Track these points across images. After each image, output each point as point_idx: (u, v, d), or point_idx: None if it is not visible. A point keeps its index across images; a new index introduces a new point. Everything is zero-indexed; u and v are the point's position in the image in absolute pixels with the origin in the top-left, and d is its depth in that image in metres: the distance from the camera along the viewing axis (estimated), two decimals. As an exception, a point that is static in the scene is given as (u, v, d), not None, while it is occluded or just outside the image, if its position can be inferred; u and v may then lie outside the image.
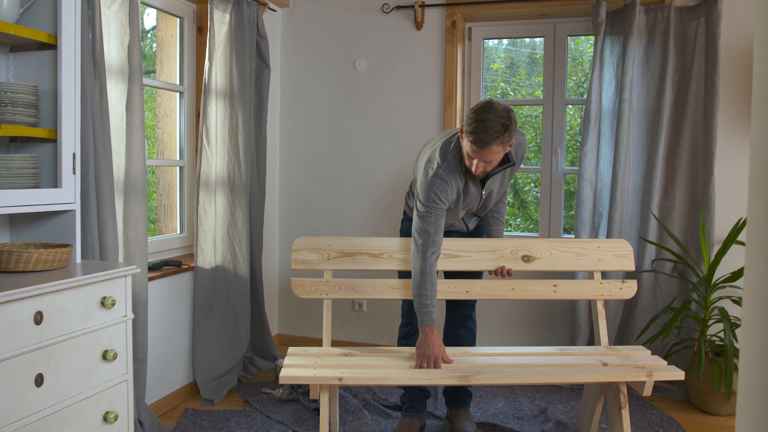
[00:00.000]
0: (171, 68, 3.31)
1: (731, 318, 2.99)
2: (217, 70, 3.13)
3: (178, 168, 3.34)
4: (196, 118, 3.30)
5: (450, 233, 2.67)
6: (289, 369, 2.21)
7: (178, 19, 3.26)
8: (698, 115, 3.19)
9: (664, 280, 3.27)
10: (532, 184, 4.72)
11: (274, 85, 3.87)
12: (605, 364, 2.28)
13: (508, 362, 2.34)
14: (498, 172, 2.42)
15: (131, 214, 2.56)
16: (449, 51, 3.64)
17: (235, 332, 3.29)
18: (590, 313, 3.31)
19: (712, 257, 3.08)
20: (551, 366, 2.28)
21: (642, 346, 2.54)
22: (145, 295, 2.60)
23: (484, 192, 2.46)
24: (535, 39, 4.08)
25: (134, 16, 2.51)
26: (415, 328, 2.57)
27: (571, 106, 3.94)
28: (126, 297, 2.03)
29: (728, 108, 3.21)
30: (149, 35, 3.91)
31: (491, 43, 4.21)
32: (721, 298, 3.05)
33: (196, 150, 3.21)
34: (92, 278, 1.87)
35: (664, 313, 3.08)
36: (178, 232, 3.36)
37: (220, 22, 3.12)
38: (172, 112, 3.34)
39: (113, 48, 2.49)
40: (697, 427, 2.85)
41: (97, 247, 2.32)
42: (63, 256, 1.94)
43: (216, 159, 3.16)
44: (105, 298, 1.92)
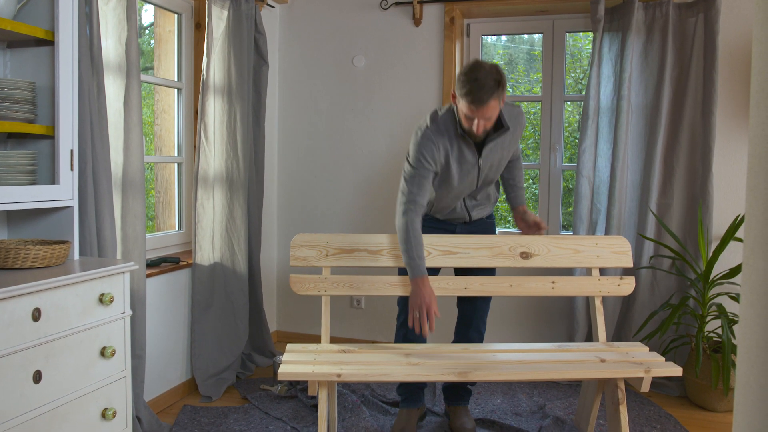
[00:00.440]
0: (169, 65, 3.31)
1: (729, 314, 3.00)
2: (215, 66, 3.13)
3: (176, 164, 3.34)
4: (194, 114, 3.30)
5: (452, 224, 2.67)
6: (288, 365, 2.21)
7: (176, 16, 3.26)
8: (697, 111, 3.19)
9: (662, 277, 3.28)
10: (531, 181, 4.72)
11: (272, 82, 3.86)
12: (603, 361, 2.29)
13: (507, 359, 2.34)
14: (494, 139, 2.45)
15: (129, 211, 2.56)
16: (448, 47, 3.63)
17: (234, 329, 3.29)
18: (588, 310, 3.31)
19: (710, 254, 3.09)
20: (549, 362, 2.29)
21: (640, 343, 2.54)
22: (143, 292, 2.60)
23: (481, 160, 2.47)
24: (534, 35, 4.07)
25: (132, 12, 2.51)
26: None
27: (569, 103, 3.94)
28: (124, 294, 2.03)
29: (727, 104, 3.21)
30: (147, 31, 3.90)
31: (490, 39, 4.20)
32: (718, 295, 3.05)
33: (194, 146, 3.20)
34: (90, 275, 1.87)
35: (662, 310, 3.08)
36: (177, 228, 3.36)
37: (218, 19, 3.12)
38: (170, 109, 3.34)
39: (111, 44, 2.49)
40: (695, 423, 2.86)
41: (95, 243, 2.32)
42: (61, 253, 1.94)
43: (214, 155, 3.16)
44: (103, 295, 1.92)
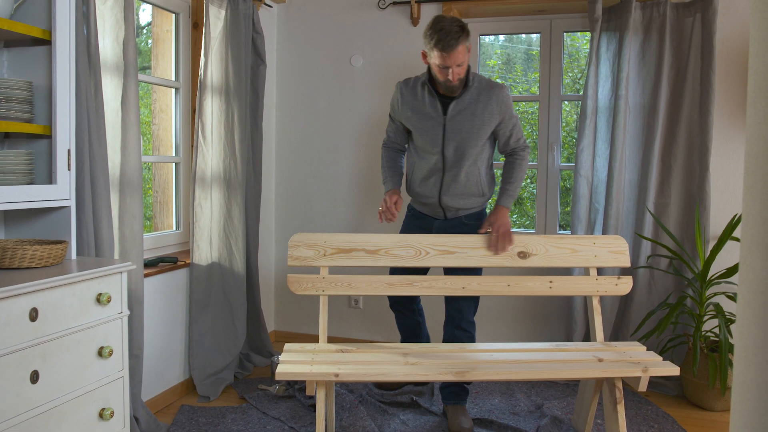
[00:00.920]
0: (166, 64, 3.30)
1: (726, 314, 3.00)
2: (213, 66, 3.12)
3: (174, 164, 3.33)
4: (192, 114, 3.30)
5: (430, 219, 2.80)
6: (286, 365, 2.21)
7: (174, 15, 3.25)
8: (694, 111, 3.20)
9: (659, 276, 3.28)
10: (528, 180, 4.72)
11: (270, 81, 3.86)
12: (601, 360, 2.29)
13: (504, 358, 2.34)
14: (462, 96, 2.58)
15: (127, 211, 2.56)
16: (445, 47, 3.63)
17: (232, 329, 3.28)
18: (586, 309, 3.32)
19: (708, 253, 3.09)
20: (547, 362, 2.29)
21: (637, 342, 2.55)
22: (140, 292, 2.60)
23: (447, 118, 2.60)
24: (532, 35, 4.07)
25: (129, 12, 2.50)
26: (397, 298, 2.92)
27: (567, 103, 3.94)
28: (122, 293, 2.03)
29: (724, 104, 3.22)
30: (144, 31, 3.90)
31: (487, 39, 4.20)
32: (716, 294, 3.06)
33: (192, 146, 3.20)
34: (87, 275, 1.87)
35: (660, 309, 3.09)
36: (174, 228, 3.36)
37: (216, 18, 3.11)
38: (168, 108, 3.33)
39: (108, 44, 2.48)
40: (692, 423, 2.86)
41: (93, 243, 2.31)
42: (58, 253, 1.94)
43: (212, 155, 3.15)
44: (100, 295, 1.92)
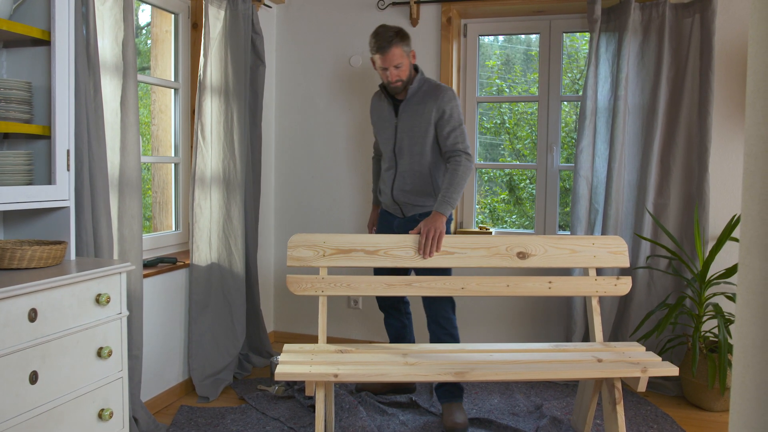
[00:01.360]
0: (166, 65, 3.30)
1: (725, 314, 3.01)
2: (212, 66, 3.12)
3: (173, 165, 3.33)
4: (191, 114, 3.30)
5: (392, 216, 2.92)
6: (285, 366, 2.21)
7: (173, 15, 3.25)
8: (693, 111, 3.20)
9: (658, 277, 3.28)
10: (528, 181, 4.73)
11: (269, 82, 3.86)
12: (600, 360, 2.29)
13: (504, 358, 2.35)
14: (409, 99, 2.74)
15: (126, 211, 2.56)
16: (445, 47, 3.63)
17: (231, 329, 3.28)
18: (585, 310, 3.32)
19: (707, 253, 3.09)
20: (546, 362, 2.29)
21: (636, 343, 2.55)
22: (140, 292, 2.60)
23: (398, 119, 2.77)
24: (531, 36, 4.07)
25: (128, 12, 2.50)
26: (386, 299, 3.00)
27: (566, 103, 3.94)
28: (121, 294, 2.02)
29: (723, 104, 3.22)
30: (144, 31, 3.90)
31: (486, 39, 4.21)
32: (715, 295, 3.06)
33: (191, 147, 3.20)
34: (87, 275, 1.86)
35: (659, 310, 3.09)
36: (173, 229, 3.35)
37: (215, 18, 3.11)
38: (167, 109, 3.33)
39: (107, 44, 2.48)
40: (692, 423, 2.86)
41: (92, 244, 2.31)
42: (57, 253, 1.93)
43: (211, 155, 3.15)
44: (100, 295, 1.92)
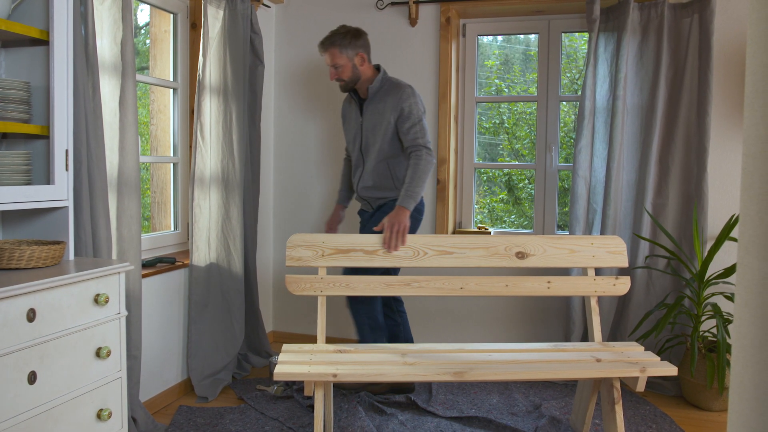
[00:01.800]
0: (164, 64, 3.30)
1: (724, 314, 3.01)
2: (211, 66, 3.12)
3: (172, 165, 3.33)
4: (190, 114, 3.29)
5: (365, 214, 3.01)
6: (284, 366, 2.21)
7: (172, 15, 3.25)
8: (692, 111, 3.20)
9: (657, 277, 3.29)
10: (527, 181, 4.73)
11: (268, 82, 3.86)
12: (599, 360, 2.29)
13: (503, 358, 2.35)
14: (371, 99, 2.84)
15: (125, 211, 2.56)
16: (444, 47, 3.64)
17: (230, 329, 3.28)
18: (584, 310, 3.32)
19: (705, 253, 3.10)
20: (545, 362, 2.29)
21: (635, 342, 2.55)
22: (138, 292, 2.60)
23: (363, 119, 2.87)
24: (530, 36, 4.07)
25: (127, 12, 2.50)
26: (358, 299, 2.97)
27: (565, 103, 3.94)
28: (119, 294, 2.02)
29: (721, 104, 3.23)
30: (142, 31, 3.90)
31: (485, 39, 4.21)
32: (714, 294, 3.06)
33: (190, 146, 3.20)
34: (85, 275, 1.86)
35: (658, 309, 3.09)
36: (172, 229, 3.35)
37: (214, 18, 3.11)
38: (166, 109, 3.33)
39: (106, 44, 2.48)
40: (690, 423, 2.87)
41: (91, 244, 2.31)
42: (56, 253, 1.93)
43: (210, 155, 3.15)
44: (98, 295, 1.92)
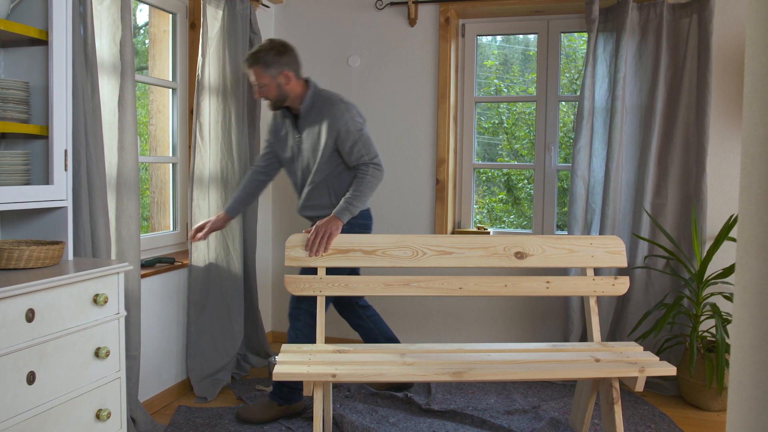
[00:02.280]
0: (164, 64, 3.30)
1: (723, 314, 3.01)
2: (210, 66, 3.12)
3: (171, 165, 3.33)
4: (189, 114, 3.29)
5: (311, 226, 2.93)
6: (283, 366, 2.20)
7: (171, 15, 3.25)
8: (690, 111, 3.21)
9: (656, 277, 3.29)
10: (526, 181, 4.73)
11: (267, 82, 3.85)
12: (598, 360, 2.30)
13: (502, 358, 2.35)
14: (304, 119, 2.73)
15: (124, 211, 2.55)
16: (443, 47, 3.64)
17: (229, 329, 3.28)
18: (583, 310, 3.32)
19: (704, 253, 3.10)
20: (544, 362, 2.29)
21: (634, 342, 2.55)
22: (137, 293, 2.60)
23: (300, 139, 2.76)
24: (529, 36, 4.08)
25: (126, 12, 2.50)
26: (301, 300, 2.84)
27: (564, 103, 3.95)
28: (119, 294, 2.02)
29: (720, 104, 3.23)
30: (141, 31, 3.90)
31: (485, 39, 4.21)
32: (712, 294, 3.07)
33: (190, 146, 3.19)
34: (84, 275, 1.86)
35: (657, 309, 3.09)
36: (171, 229, 3.35)
37: (213, 18, 3.11)
38: (165, 109, 3.33)
39: (105, 44, 2.48)
40: (689, 423, 2.87)
41: (90, 244, 2.31)
42: (55, 254, 1.93)
43: (209, 155, 3.15)
44: (97, 296, 1.91)
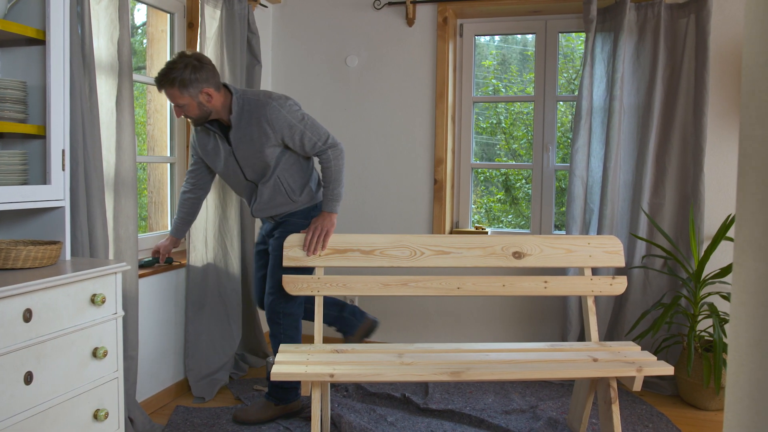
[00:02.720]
0: (161, 64, 3.28)
1: (720, 313, 3.02)
2: (208, 66, 3.11)
3: (169, 164, 3.32)
4: (187, 114, 3.28)
5: (266, 222, 2.91)
6: (281, 366, 2.20)
7: (169, 15, 3.24)
8: (688, 111, 3.21)
9: (654, 276, 3.29)
10: (524, 181, 4.74)
11: (265, 82, 3.86)
12: (595, 360, 2.30)
13: (500, 358, 2.35)
14: (234, 129, 2.59)
15: (121, 211, 2.55)
16: (441, 47, 3.64)
17: (227, 329, 3.28)
18: (581, 309, 3.32)
19: (702, 253, 3.10)
20: (542, 362, 2.29)
21: (632, 342, 2.55)
22: (135, 292, 2.59)
23: (234, 150, 2.63)
24: (527, 36, 4.08)
25: (124, 12, 2.50)
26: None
27: (562, 103, 3.95)
28: (116, 294, 2.02)
29: (718, 104, 3.23)
30: (139, 31, 3.89)
31: (483, 39, 4.21)
32: (710, 294, 3.07)
33: (187, 146, 3.19)
34: (82, 275, 1.86)
35: (654, 309, 3.10)
36: (169, 229, 3.34)
37: (211, 18, 3.11)
38: (163, 109, 3.32)
39: (103, 44, 2.47)
40: (687, 422, 2.87)
41: (87, 244, 2.31)
42: (52, 253, 1.93)
43: (207, 155, 3.14)
44: (95, 296, 1.91)
